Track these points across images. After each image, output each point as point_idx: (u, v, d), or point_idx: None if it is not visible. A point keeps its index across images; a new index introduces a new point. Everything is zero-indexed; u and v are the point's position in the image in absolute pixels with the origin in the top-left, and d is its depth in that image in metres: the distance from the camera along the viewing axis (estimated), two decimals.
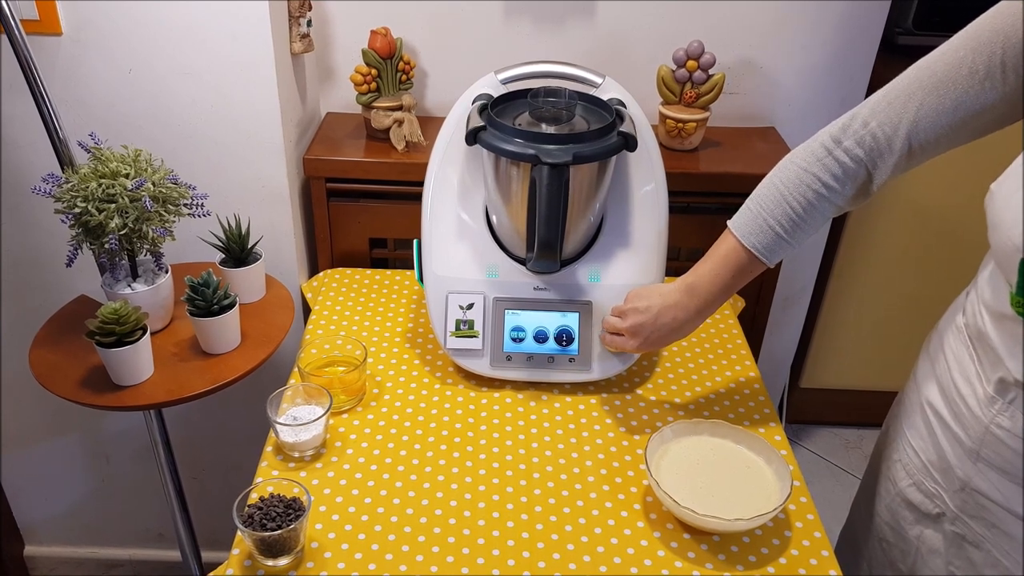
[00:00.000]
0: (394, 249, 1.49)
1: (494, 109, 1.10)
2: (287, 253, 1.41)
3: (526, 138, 1.04)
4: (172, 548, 1.78)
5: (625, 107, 1.12)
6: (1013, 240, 0.75)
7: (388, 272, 1.41)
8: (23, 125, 1.25)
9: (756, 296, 1.52)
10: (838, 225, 1.89)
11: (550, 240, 1.05)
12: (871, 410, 2.30)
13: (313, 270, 1.51)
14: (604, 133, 1.06)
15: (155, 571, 1.84)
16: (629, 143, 1.06)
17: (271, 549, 0.88)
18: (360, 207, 1.42)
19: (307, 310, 1.38)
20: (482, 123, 1.07)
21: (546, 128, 1.07)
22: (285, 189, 1.34)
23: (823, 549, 0.94)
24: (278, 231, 1.38)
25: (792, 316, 1.91)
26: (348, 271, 1.41)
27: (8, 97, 1.24)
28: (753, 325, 1.56)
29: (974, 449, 0.88)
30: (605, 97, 1.14)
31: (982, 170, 1.79)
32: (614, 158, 1.09)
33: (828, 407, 2.27)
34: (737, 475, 0.99)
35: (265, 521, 0.88)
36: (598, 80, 1.15)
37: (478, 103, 1.12)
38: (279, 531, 0.86)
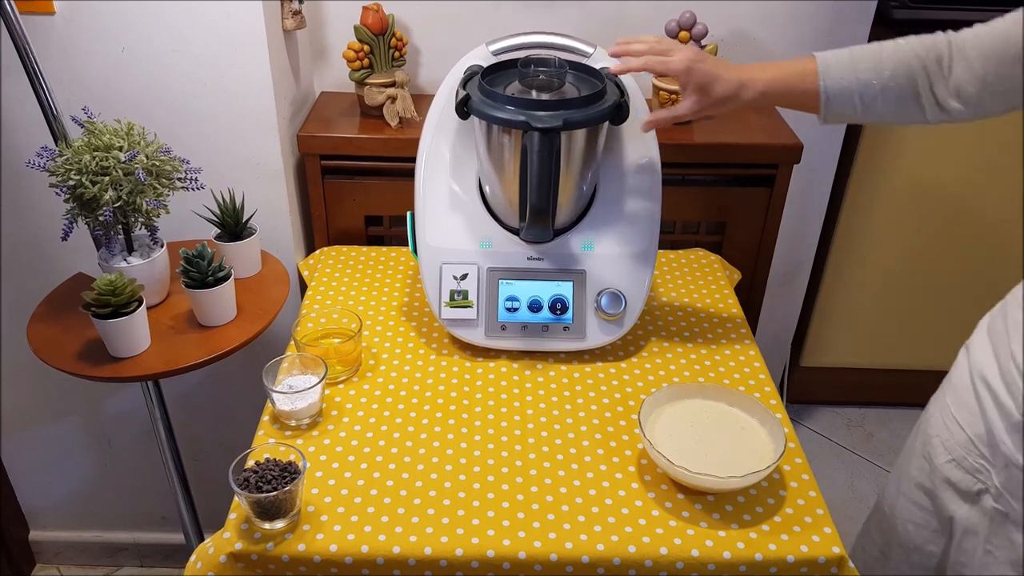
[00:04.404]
0: (389, 227, 1.50)
1: (485, 79, 1.11)
2: (283, 232, 1.41)
3: (516, 105, 1.04)
4: (176, 531, 1.79)
5: (617, 76, 1.12)
6: None
7: (383, 249, 1.42)
8: (19, 106, 1.26)
9: (752, 268, 1.52)
10: (837, 200, 1.89)
11: (542, 207, 1.05)
12: (873, 389, 2.30)
13: (310, 249, 1.52)
14: (595, 100, 1.06)
15: (159, 554, 1.85)
16: (621, 109, 1.06)
17: (267, 512, 0.89)
18: (355, 184, 1.42)
19: (304, 288, 1.39)
20: (474, 92, 1.07)
21: (536, 95, 1.08)
22: (280, 167, 1.35)
23: (818, 508, 0.95)
24: (274, 209, 1.39)
25: (791, 293, 1.91)
26: (344, 248, 1.42)
27: (3, 78, 1.24)
28: (750, 299, 1.56)
29: (1022, 423, 0.86)
30: (596, 67, 1.14)
31: (983, 147, 1.79)
32: (605, 126, 1.10)
33: (829, 386, 2.26)
34: (731, 436, 0.99)
35: (261, 484, 0.88)
36: (589, 50, 1.15)
37: (469, 73, 1.12)
38: (274, 493, 0.87)
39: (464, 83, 1.10)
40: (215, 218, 1.24)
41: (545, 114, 1.01)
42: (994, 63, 0.87)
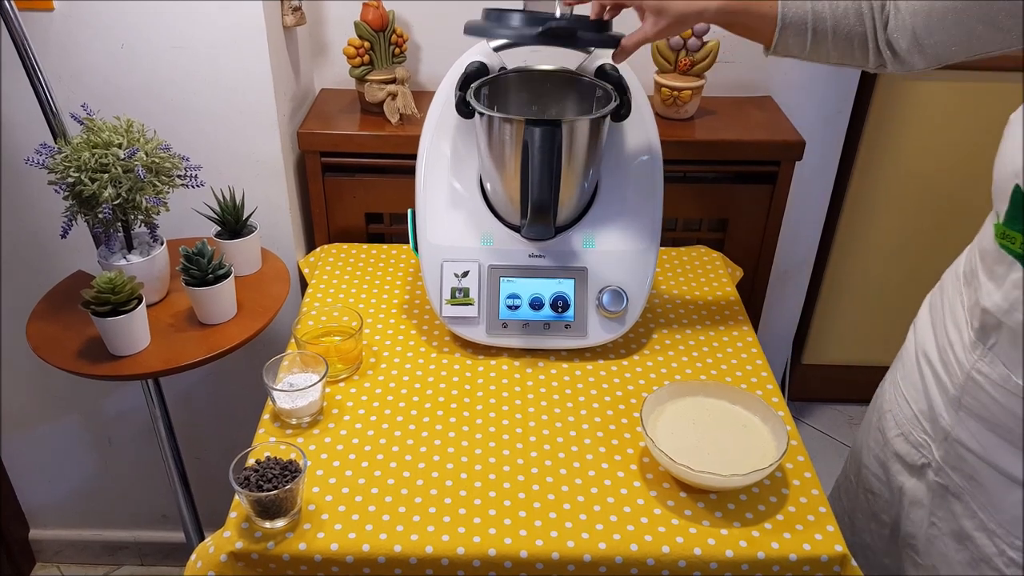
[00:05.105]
0: (390, 224, 1.49)
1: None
2: (283, 229, 1.41)
3: (528, 22, 1.01)
4: (176, 529, 1.79)
5: (616, 70, 1.11)
6: (1012, 166, 0.75)
7: (384, 246, 1.41)
8: (18, 103, 1.26)
9: (754, 266, 1.52)
10: (838, 197, 1.88)
11: (543, 203, 1.04)
12: (875, 386, 2.28)
13: (310, 246, 1.52)
14: (604, 26, 1.02)
15: (160, 552, 1.84)
16: (622, 108, 1.06)
17: (268, 511, 0.88)
18: (355, 181, 1.42)
19: (304, 286, 1.39)
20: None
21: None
22: (280, 164, 1.35)
23: (820, 506, 0.94)
24: (274, 207, 1.38)
25: (793, 291, 1.90)
26: (344, 246, 1.41)
27: (2, 75, 1.24)
28: (752, 297, 1.55)
29: (957, 397, 0.89)
30: (597, 63, 1.14)
31: (984, 142, 1.78)
32: (607, 120, 1.09)
33: (831, 384, 2.26)
34: (733, 434, 0.99)
35: (261, 483, 0.88)
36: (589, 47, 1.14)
37: (467, 72, 1.11)
38: (275, 492, 0.86)
39: (461, 83, 1.10)
40: (215, 215, 1.23)
41: (556, 24, 0.99)
42: (922, 17, 0.88)
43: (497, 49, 1.15)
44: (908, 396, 0.99)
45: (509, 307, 1.15)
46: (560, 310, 1.14)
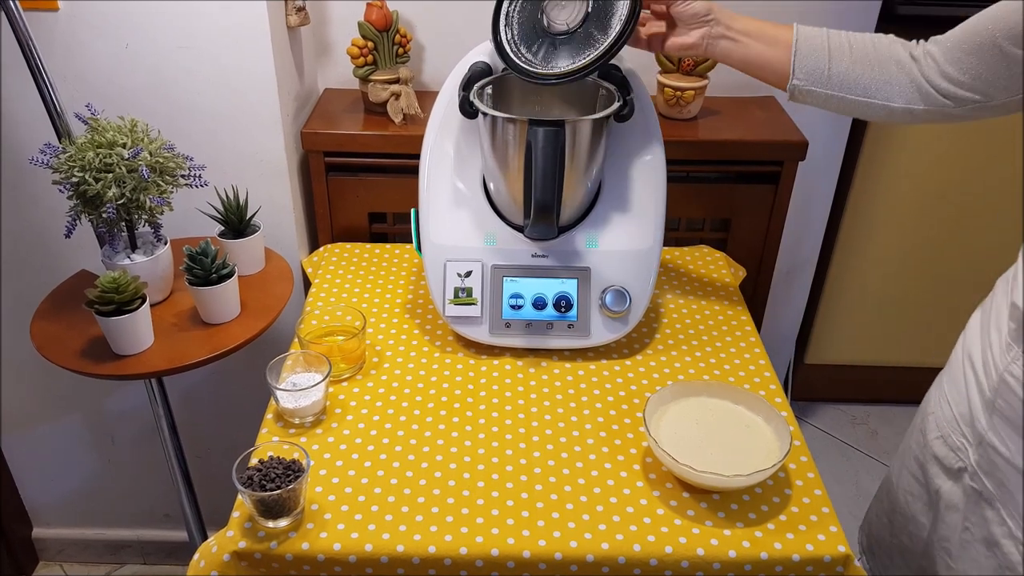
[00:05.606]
0: (393, 223, 1.49)
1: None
2: (287, 229, 1.41)
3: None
4: (179, 528, 1.79)
5: (619, 70, 1.12)
6: None
7: (387, 246, 1.42)
8: (22, 102, 1.26)
9: (757, 265, 1.52)
10: (841, 197, 1.88)
11: (547, 203, 1.04)
12: (878, 386, 2.29)
13: (314, 246, 1.52)
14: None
15: (162, 551, 1.85)
16: (625, 108, 1.06)
17: (271, 510, 0.88)
18: (359, 181, 1.42)
19: (307, 285, 1.39)
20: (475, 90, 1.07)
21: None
22: (284, 164, 1.35)
23: (823, 506, 0.94)
24: (277, 206, 1.39)
25: (796, 290, 1.90)
26: (348, 245, 1.42)
27: (6, 74, 1.24)
28: (754, 296, 1.55)
29: (991, 400, 0.88)
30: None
31: (986, 143, 1.78)
32: (610, 120, 1.09)
33: (834, 384, 2.26)
34: (737, 434, 0.99)
35: (264, 482, 0.88)
36: None
37: (470, 72, 1.12)
38: (278, 491, 0.87)
39: (465, 83, 1.10)
40: (219, 215, 1.24)
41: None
42: (957, 52, 0.89)
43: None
44: (951, 398, 0.98)
45: (512, 307, 1.15)
46: (563, 310, 1.14)
